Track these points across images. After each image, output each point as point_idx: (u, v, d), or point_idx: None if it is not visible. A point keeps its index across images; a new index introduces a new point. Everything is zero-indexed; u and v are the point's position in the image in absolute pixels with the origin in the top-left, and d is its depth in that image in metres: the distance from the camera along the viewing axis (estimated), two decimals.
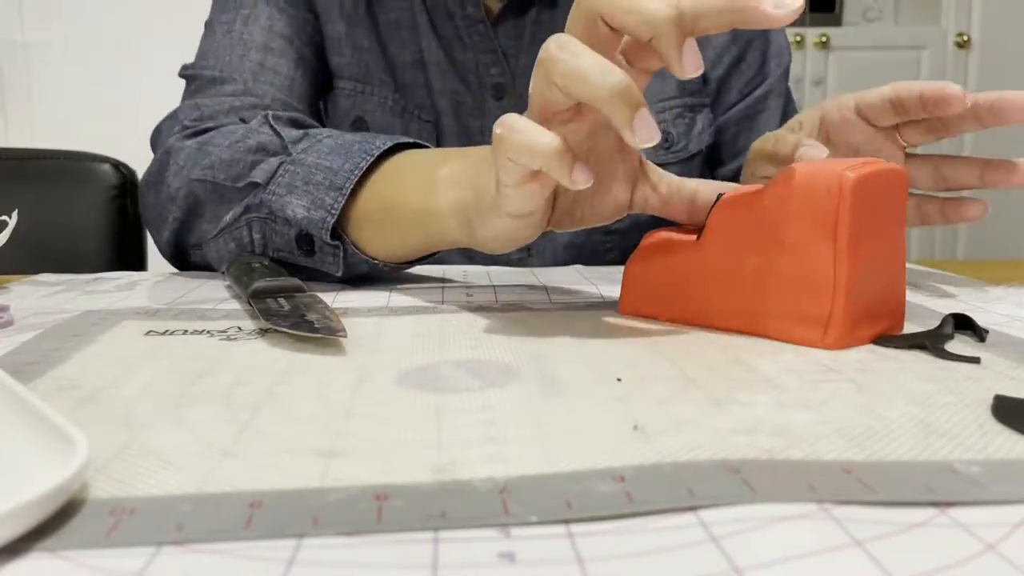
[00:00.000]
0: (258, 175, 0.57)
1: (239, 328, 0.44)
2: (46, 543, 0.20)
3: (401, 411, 0.30)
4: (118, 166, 1.02)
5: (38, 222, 0.65)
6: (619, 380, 0.33)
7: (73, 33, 1.38)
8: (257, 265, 0.52)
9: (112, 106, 1.36)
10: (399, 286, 0.56)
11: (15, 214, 0.56)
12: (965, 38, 2.81)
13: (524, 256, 0.77)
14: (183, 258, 0.67)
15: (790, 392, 0.32)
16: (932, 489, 0.23)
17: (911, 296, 0.51)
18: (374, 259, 0.54)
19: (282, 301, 0.45)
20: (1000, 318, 0.45)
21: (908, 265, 0.63)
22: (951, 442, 0.26)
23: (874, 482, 0.23)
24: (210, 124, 0.66)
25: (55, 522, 0.21)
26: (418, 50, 0.75)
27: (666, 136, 0.77)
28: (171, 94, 0.82)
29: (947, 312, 0.42)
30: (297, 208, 0.54)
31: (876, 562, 0.19)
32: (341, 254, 0.54)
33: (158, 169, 0.66)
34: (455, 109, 0.76)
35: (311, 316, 0.42)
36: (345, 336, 0.38)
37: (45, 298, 0.54)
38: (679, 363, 0.36)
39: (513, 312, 0.47)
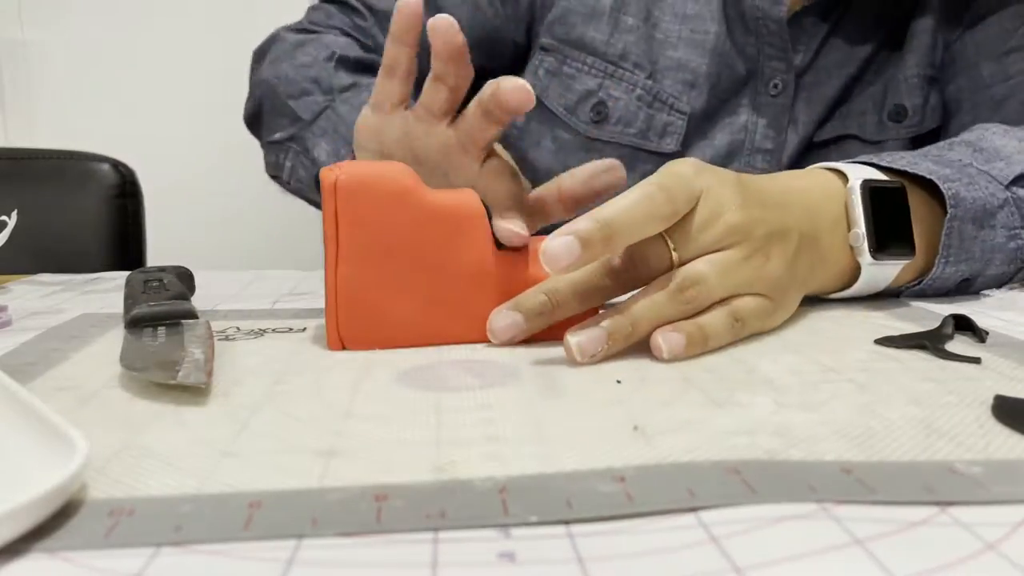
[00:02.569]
0: (304, 111, 0.65)
1: (237, 328, 0.44)
2: (45, 543, 0.20)
3: (401, 411, 0.30)
4: (118, 166, 1.02)
5: (37, 222, 0.65)
6: (619, 382, 0.33)
7: (73, 33, 1.37)
8: (156, 282, 0.48)
9: (112, 106, 1.36)
10: None
11: (15, 214, 0.56)
12: None
13: None
14: (254, 123, 0.74)
15: (790, 393, 0.32)
16: (932, 489, 0.23)
17: (913, 298, 0.51)
18: None
19: (161, 331, 0.40)
20: (999, 320, 0.45)
21: None
22: (951, 442, 0.26)
23: (874, 482, 0.23)
24: (318, 28, 0.73)
25: (54, 523, 0.21)
26: (703, 31, 0.70)
27: (897, 110, 0.71)
28: (171, 94, 0.82)
29: (947, 313, 0.42)
30: (322, 152, 0.62)
31: (876, 562, 0.19)
32: None
33: (261, 49, 0.74)
34: (719, 107, 0.72)
35: (180, 355, 0.36)
36: (206, 386, 0.32)
37: (44, 298, 0.54)
38: (679, 364, 0.36)
39: None
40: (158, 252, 1.03)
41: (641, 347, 0.39)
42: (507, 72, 0.48)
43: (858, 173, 0.46)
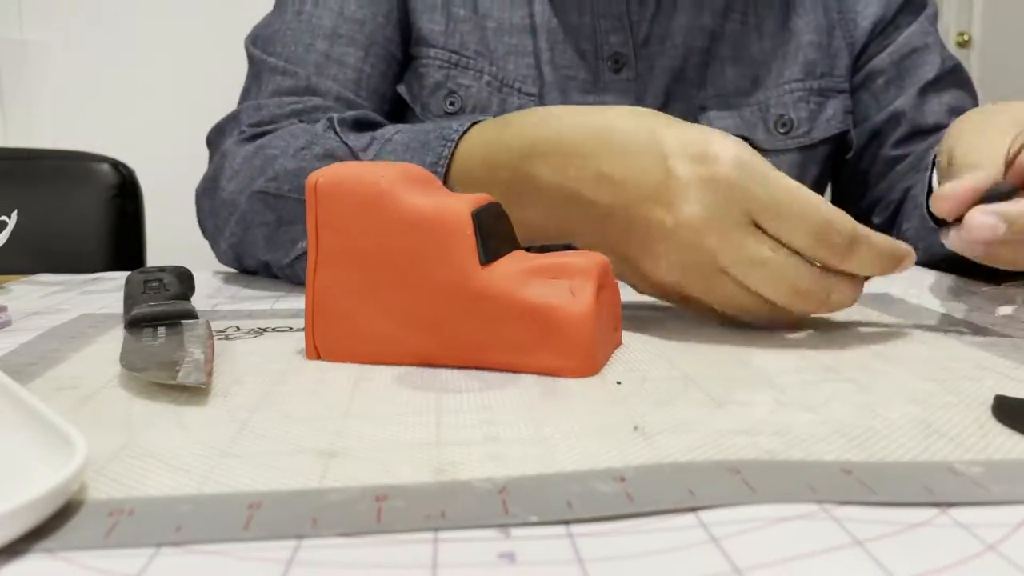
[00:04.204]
0: None
1: (237, 328, 0.44)
2: (45, 544, 0.20)
3: (401, 411, 0.30)
4: (117, 166, 1.02)
5: (37, 222, 0.65)
6: (619, 383, 0.33)
7: (73, 33, 1.38)
8: (155, 282, 0.47)
9: (112, 106, 1.36)
10: None
11: (14, 214, 0.56)
12: (966, 37, 2.81)
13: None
14: (243, 267, 0.64)
15: (790, 392, 0.32)
16: (932, 489, 0.23)
17: (913, 296, 0.51)
18: None
19: (160, 331, 0.40)
20: (1000, 318, 0.45)
21: None
22: (951, 442, 0.26)
23: (874, 482, 0.23)
24: (270, 128, 0.63)
25: (54, 523, 0.21)
26: (528, 14, 0.71)
27: (783, 120, 0.73)
28: (171, 94, 0.82)
29: (947, 312, 0.42)
30: None
31: (876, 562, 0.19)
32: None
33: (213, 174, 0.63)
34: (562, 85, 0.71)
35: (180, 355, 0.36)
36: (206, 386, 0.32)
37: (44, 298, 0.54)
38: (679, 363, 0.36)
39: None
40: (158, 252, 1.03)
41: (641, 347, 0.39)
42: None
43: None
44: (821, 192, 0.79)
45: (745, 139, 0.72)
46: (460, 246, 0.35)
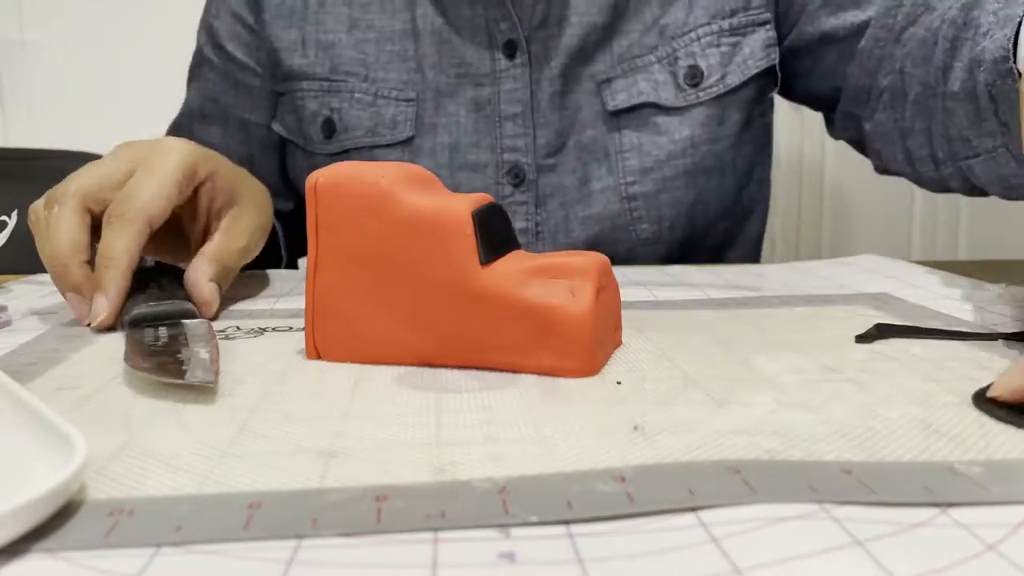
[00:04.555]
0: None
1: (237, 328, 0.44)
2: (45, 544, 0.20)
3: (401, 411, 0.30)
4: None
5: None
6: (619, 383, 0.33)
7: (73, 33, 1.38)
8: (154, 282, 0.48)
9: (112, 106, 1.36)
10: None
11: (14, 214, 0.56)
12: None
13: (531, 240, 0.73)
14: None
15: (790, 392, 0.32)
16: (932, 489, 0.23)
17: (913, 296, 0.51)
18: None
19: (162, 331, 0.40)
20: (1000, 318, 0.45)
21: (910, 264, 0.63)
22: (951, 442, 0.26)
23: (874, 482, 0.23)
24: None
25: (54, 523, 0.21)
26: (410, 19, 0.71)
27: (692, 72, 0.71)
28: (171, 94, 0.82)
29: (947, 312, 0.42)
30: None
31: (876, 562, 0.19)
32: None
33: None
34: (449, 85, 0.72)
35: (186, 354, 0.36)
36: (214, 385, 0.32)
37: (44, 298, 0.54)
38: (679, 363, 0.36)
39: None
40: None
41: (641, 347, 0.39)
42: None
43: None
44: (756, 133, 0.75)
45: (652, 105, 0.71)
46: (460, 246, 0.35)
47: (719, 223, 0.76)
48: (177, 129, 0.79)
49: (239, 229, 0.52)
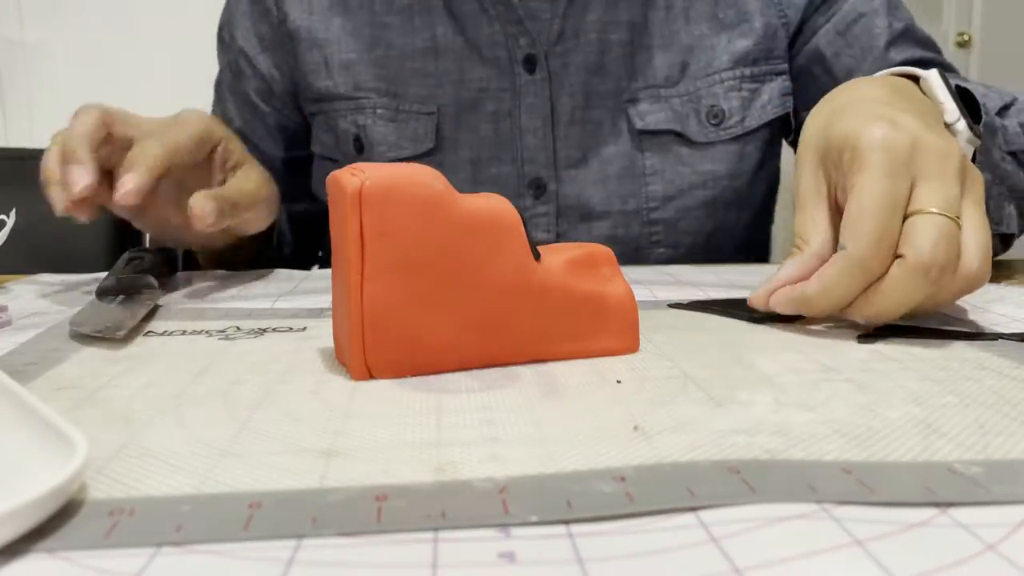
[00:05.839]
0: None
1: (237, 328, 0.44)
2: (45, 544, 0.20)
3: (401, 411, 0.30)
4: None
5: (37, 222, 0.65)
6: (619, 382, 0.33)
7: (73, 33, 1.38)
8: (137, 259, 0.56)
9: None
10: None
11: (13, 213, 0.56)
12: (965, 37, 2.81)
13: None
14: None
15: (790, 392, 0.32)
16: (932, 489, 0.23)
17: None
18: None
19: (119, 299, 0.47)
20: (1000, 318, 0.45)
21: None
22: (951, 442, 0.26)
23: (874, 482, 0.23)
24: None
25: (54, 523, 0.21)
26: (431, 37, 0.73)
27: (714, 112, 0.74)
28: (171, 94, 0.82)
29: (947, 312, 0.42)
30: None
31: (876, 562, 0.19)
32: None
33: None
34: (472, 100, 0.73)
35: (121, 317, 0.43)
36: (120, 338, 0.39)
37: (44, 298, 0.54)
38: (679, 363, 0.36)
39: None
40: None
41: (641, 347, 0.39)
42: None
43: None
44: (769, 171, 0.79)
45: (677, 133, 0.73)
46: (516, 243, 0.35)
47: (736, 256, 0.78)
48: None
49: (249, 177, 0.61)
